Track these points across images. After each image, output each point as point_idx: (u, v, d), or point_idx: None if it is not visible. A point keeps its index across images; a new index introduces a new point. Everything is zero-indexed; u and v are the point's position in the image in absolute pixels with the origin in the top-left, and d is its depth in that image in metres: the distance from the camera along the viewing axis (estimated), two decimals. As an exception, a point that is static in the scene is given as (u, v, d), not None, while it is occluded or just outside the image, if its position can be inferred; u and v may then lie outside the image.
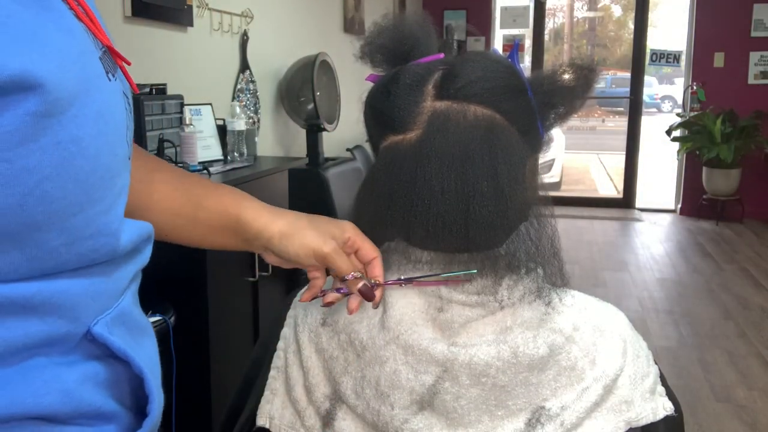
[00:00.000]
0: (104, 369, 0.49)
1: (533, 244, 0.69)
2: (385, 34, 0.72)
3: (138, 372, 0.50)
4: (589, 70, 0.70)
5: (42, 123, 0.39)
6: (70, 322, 0.45)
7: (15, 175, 0.38)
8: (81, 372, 0.47)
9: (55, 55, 0.41)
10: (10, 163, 0.38)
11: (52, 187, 0.40)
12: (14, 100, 0.38)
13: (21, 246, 0.40)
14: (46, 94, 0.39)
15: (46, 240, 0.41)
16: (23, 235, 0.40)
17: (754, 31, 5.35)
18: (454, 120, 0.64)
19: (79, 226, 0.43)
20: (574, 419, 0.64)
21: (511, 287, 0.67)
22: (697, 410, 2.41)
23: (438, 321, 0.66)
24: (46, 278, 0.43)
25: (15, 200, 0.39)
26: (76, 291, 0.45)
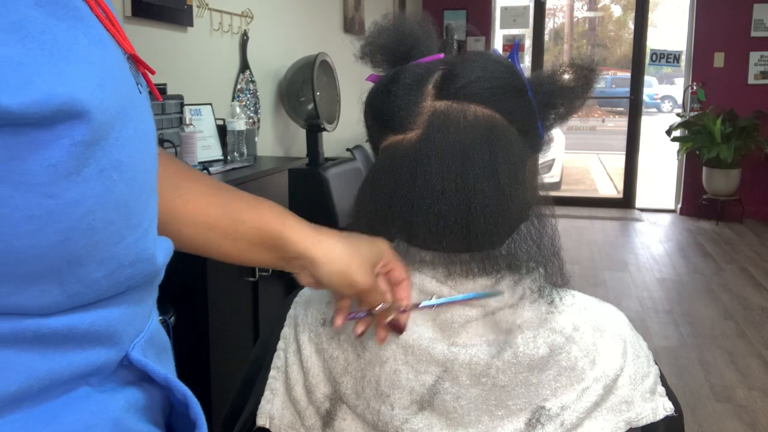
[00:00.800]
0: (142, 395, 0.47)
1: (534, 244, 0.69)
2: (386, 35, 0.72)
3: (181, 398, 0.48)
4: (589, 71, 0.70)
5: (87, 152, 0.37)
6: (110, 349, 0.44)
7: (60, 211, 0.36)
8: (124, 399, 0.45)
9: (94, 75, 0.38)
10: (54, 198, 0.35)
11: (94, 218, 0.38)
12: (61, 130, 0.35)
13: (61, 282, 0.38)
14: (92, 121, 0.37)
15: (87, 273, 0.39)
16: (64, 272, 0.38)
17: (754, 31, 5.35)
18: (454, 120, 0.64)
19: (120, 255, 0.41)
20: (574, 419, 0.64)
21: (512, 287, 0.67)
22: (697, 410, 2.41)
23: (438, 321, 0.66)
24: (86, 309, 0.41)
25: (59, 237, 0.36)
26: (115, 318, 0.44)
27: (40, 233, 0.35)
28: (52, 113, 0.34)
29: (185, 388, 0.48)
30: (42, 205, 0.35)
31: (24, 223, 0.35)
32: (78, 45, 0.37)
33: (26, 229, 0.35)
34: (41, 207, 0.35)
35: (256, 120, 2.89)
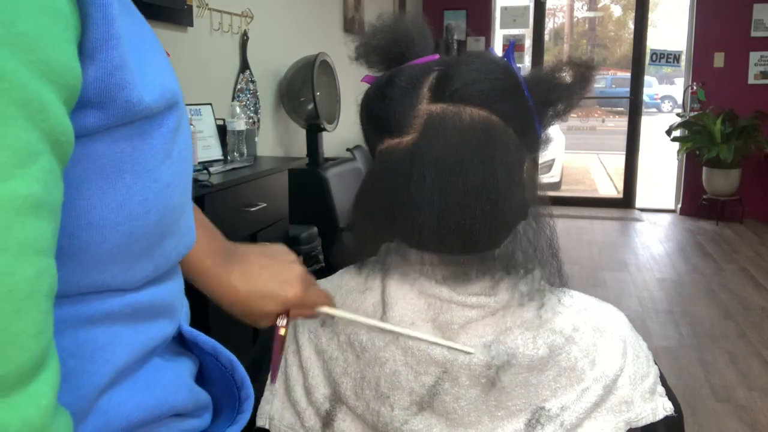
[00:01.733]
0: (192, 362, 0.51)
1: (532, 245, 0.69)
2: (380, 35, 0.72)
3: (227, 363, 0.52)
4: (586, 67, 0.70)
5: (175, 137, 0.41)
6: (172, 322, 0.47)
7: (160, 192, 0.40)
8: (186, 367, 0.49)
9: (170, 69, 0.42)
10: (157, 181, 0.40)
11: (176, 195, 0.42)
12: (162, 119, 0.39)
13: (152, 256, 0.42)
14: (180, 109, 0.41)
15: (166, 246, 0.43)
16: (155, 246, 0.42)
17: (754, 31, 5.34)
18: (450, 122, 0.64)
19: (182, 227, 0.45)
20: (574, 420, 0.64)
21: (511, 288, 0.67)
22: (697, 410, 2.41)
23: (438, 322, 0.66)
24: (158, 282, 0.45)
25: (158, 216, 0.40)
26: (174, 291, 0.48)
27: (148, 214, 0.39)
28: (165, 105, 0.39)
29: (231, 354, 0.52)
30: (150, 189, 0.39)
31: (139, 206, 0.39)
32: (149, 43, 0.41)
33: (139, 211, 0.39)
34: (150, 190, 0.39)
35: (256, 120, 2.89)
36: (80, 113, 0.35)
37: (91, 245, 0.37)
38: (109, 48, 0.35)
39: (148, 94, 0.37)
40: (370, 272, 0.71)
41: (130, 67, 0.36)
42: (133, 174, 0.38)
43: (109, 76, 0.35)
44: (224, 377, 0.52)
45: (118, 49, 0.35)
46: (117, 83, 0.35)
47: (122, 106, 0.36)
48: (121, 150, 0.37)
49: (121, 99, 0.36)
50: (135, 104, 0.36)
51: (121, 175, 0.37)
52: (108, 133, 0.36)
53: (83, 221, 0.36)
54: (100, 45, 0.34)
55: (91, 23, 0.34)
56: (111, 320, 0.41)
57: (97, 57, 0.34)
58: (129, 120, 0.37)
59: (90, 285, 0.39)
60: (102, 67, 0.34)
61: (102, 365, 0.40)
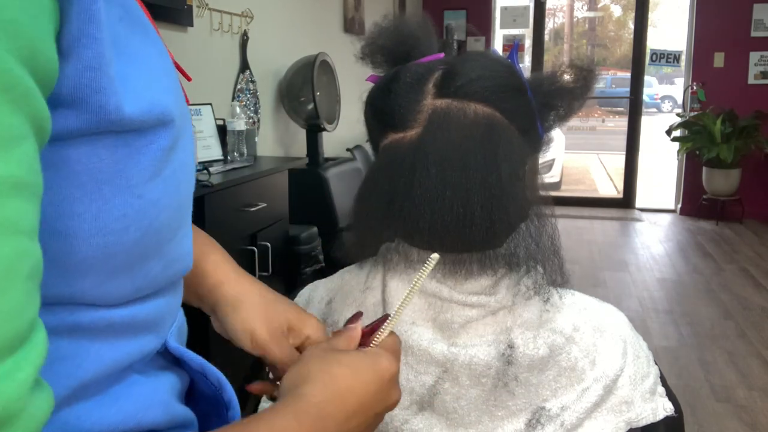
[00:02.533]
0: (176, 379, 0.50)
1: (533, 243, 0.69)
2: (386, 35, 0.72)
3: (215, 382, 0.50)
4: (588, 72, 0.70)
5: (167, 155, 0.40)
6: (155, 337, 0.46)
7: (143, 210, 0.39)
8: (168, 383, 0.48)
9: (170, 85, 0.41)
10: (141, 198, 0.38)
11: (163, 216, 0.41)
12: (153, 136, 0.39)
13: (132, 276, 0.41)
14: (174, 127, 0.40)
15: (150, 268, 0.42)
16: (135, 266, 0.41)
17: (754, 31, 5.34)
18: (454, 118, 0.64)
19: (172, 250, 0.44)
20: (574, 419, 0.64)
21: (511, 287, 0.67)
22: (697, 410, 2.41)
23: (438, 321, 0.66)
24: (143, 300, 0.43)
25: (138, 234, 0.39)
26: (161, 307, 0.46)
27: (127, 231, 0.38)
28: (154, 121, 0.38)
29: (219, 372, 0.50)
30: (132, 205, 0.38)
31: (116, 221, 0.37)
32: (152, 57, 0.40)
33: (117, 227, 0.38)
34: (131, 206, 0.38)
35: (256, 120, 2.89)
36: (54, 113, 0.34)
37: (58, 255, 0.36)
38: (81, 46, 0.34)
39: (129, 104, 0.36)
40: (370, 271, 0.71)
41: (108, 73, 0.35)
42: (113, 186, 0.37)
43: (79, 76, 0.34)
44: (213, 394, 0.51)
45: (92, 49, 0.34)
46: (88, 84, 0.34)
47: (95, 111, 0.35)
48: (101, 160, 0.36)
49: (94, 103, 0.35)
50: (111, 112, 0.35)
51: (98, 185, 0.36)
52: (86, 140, 0.36)
53: (49, 228, 0.35)
54: (74, 42, 0.34)
55: (67, 19, 0.33)
56: (79, 333, 0.40)
57: (72, 54, 0.34)
58: (107, 129, 0.36)
59: (56, 297, 0.38)
60: (73, 65, 0.34)
61: (63, 378, 0.39)
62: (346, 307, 0.70)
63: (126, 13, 0.39)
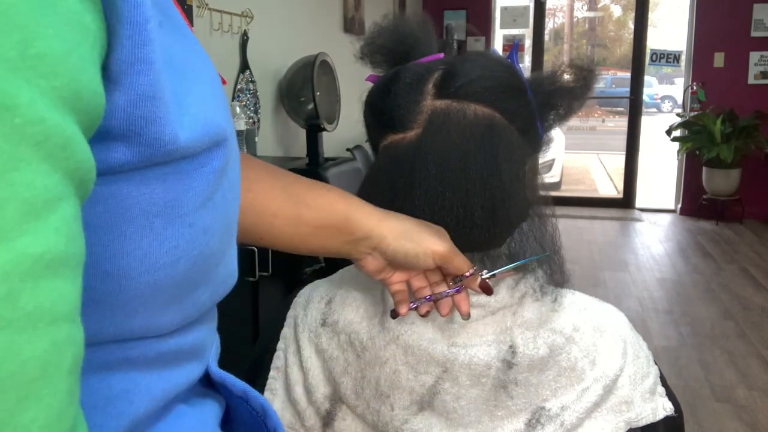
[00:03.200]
0: (218, 406, 0.47)
1: (534, 243, 0.69)
2: (385, 35, 0.72)
3: (258, 408, 0.47)
4: (588, 72, 0.70)
5: (219, 178, 0.36)
6: (200, 364, 0.43)
7: (194, 239, 0.35)
8: (213, 413, 0.45)
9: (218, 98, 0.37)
10: (192, 227, 0.35)
11: (214, 242, 0.37)
12: (204, 159, 0.34)
13: (181, 306, 0.37)
14: (228, 147, 0.36)
15: (198, 296, 0.39)
16: (184, 297, 0.37)
17: (754, 31, 5.34)
18: (454, 118, 0.64)
19: (220, 274, 0.40)
20: (574, 419, 0.64)
21: (511, 287, 0.67)
22: (697, 410, 2.41)
23: (438, 321, 0.66)
24: (189, 327, 0.40)
25: (188, 264, 0.35)
26: (204, 333, 0.43)
27: (177, 263, 0.34)
28: (208, 143, 0.34)
29: (263, 398, 0.47)
30: (183, 235, 0.34)
31: (167, 254, 0.34)
32: (195, 66, 0.36)
33: (167, 260, 0.34)
34: (182, 237, 0.34)
35: (256, 120, 2.89)
36: (103, 147, 0.30)
37: (106, 296, 0.33)
38: (134, 73, 0.30)
39: (186, 131, 0.32)
40: (370, 272, 0.71)
41: (163, 99, 0.31)
42: (164, 218, 0.33)
43: (133, 107, 0.30)
44: (255, 422, 0.47)
45: (148, 75, 0.30)
46: (142, 116, 0.30)
47: (151, 143, 0.31)
48: (152, 191, 0.32)
49: (149, 135, 0.31)
50: (167, 143, 0.31)
51: (149, 219, 0.33)
52: (137, 173, 0.32)
53: (99, 270, 0.32)
54: (126, 69, 0.29)
55: (117, 43, 0.29)
56: (129, 365, 0.36)
57: (123, 82, 0.29)
58: (161, 160, 0.32)
59: (103, 336, 0.34)
60: (125, 94, 0.30)
61: (116, 417, 0.35)
62: (346, 307, 0.70)
63: (166, 18, 0.34)
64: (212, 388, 0.47)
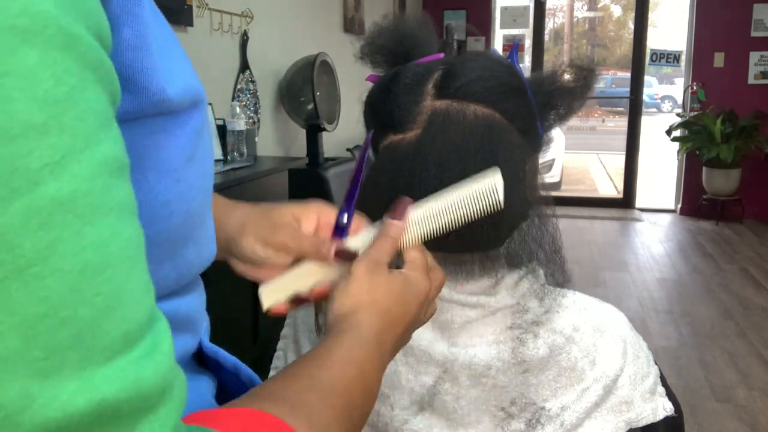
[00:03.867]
0: (211, 382, 0.48)
1: (534, 243, 0.69)
2: (385, 35, 0.72)
3: (247, 381, 0.48)
4: (588, 71, 0.70)
5: (198, 136, 0.39)
6: (193, 338, 0.44)
7: (183, 193, 0.37)
8: (208, 388, 0.46)
9: (191, 68, 0.40)
10: (181, 182, 0.37)
11: (198, 199, 0.40)
12: (186, 118, 0.37)
13: (174, 263, 0.40)
14: (204, 108, 0.39)
15: (188, 254, 0.41)
16: (177, 253, 0.39)
17: (754, 31, 5.34)
18: (454, 119, 0.64)
19: (203, 236, 0.43)
20: (574, 419, 0.64)
21: (511, 287, 0.67)
22: (697, 410, 2.41)
23: (438, 321, 0.66)
24: (179, 294, 0.42)
25: (180, 219, 0.38)
26: (195, 304, 0.45)
27: (171, 217, 0.37)
28: (189, 101, 0.37)
29: (252, 372, 0.48)
30: (173, 190, 0.36)
31: (161, 207, 0.36)
32: (174, 43, 0.39)
33: (161, 213, 0.36)
34: (173, 191, 0.36)
35: (256, 120, 2.89)
36: None
37: None
38: (122, 24, 0.32)
39: (170, 86, 0.35)
40: (370, 272, 0.71)
41: (150, 52, 0.34)
42: (156, 173, 0.35)
43: (121, 55, 0.32)
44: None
45: (134, 27, 0.33)
46: (130, 64, 0.33)
47: (139, 92, 0.33)
48: (144, 146, 0.35)
49: (137, 84, 0.33)
50: (155, 93, 0.34)
51: (144, 173, 0.35)
52: (129, 126, 0.34)
53: None
54: (115, 20, 0.32)
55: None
56: None
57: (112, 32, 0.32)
58: (151, 112, 0.34)
59: None
60: (114, 44, 0.32)
61: None
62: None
63: (153, 10, 0.37)
64: (204, 367, 0.48)
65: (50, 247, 0.24)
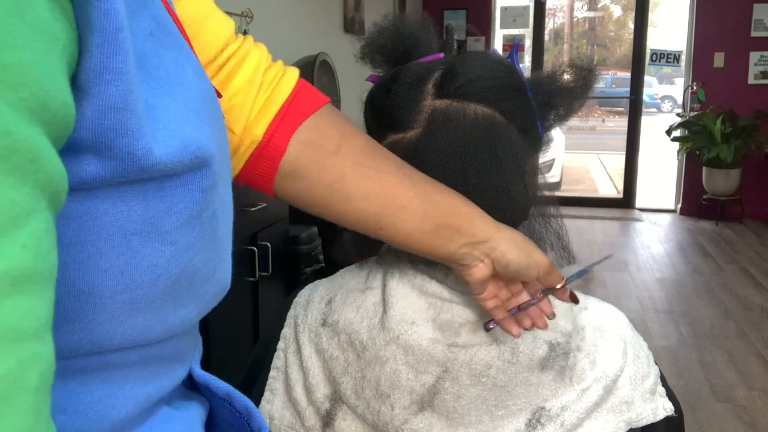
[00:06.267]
0: (202, 408, 0.46)
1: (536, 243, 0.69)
2: (386, 35, 0.72)
3: (242, 409, 0.46)
4: (588, 71, 0.70)
5: (208, 197, 0.35)
6: (181, 366, 0.42)
7: (176, 257, 0.34)
8: (198, 416, 0.44)
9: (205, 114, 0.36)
10: (174, 245, 0.34)
11: (199, 260, 0.36)
12: (189, 178, 0.33)
13: (165, 322, 0.36)
14: (214, 165, 0.35)
15: (185, 314, 0.37)
16: (169, 314, 0.36)
17: (754, 31, 5.34)
18: (454, 118, 0.64)
19: (210, 290, 0.39)
20: (575, 419, 0.64)
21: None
22: (697, 410, 2.41)
23: (438, 321, 0.66)
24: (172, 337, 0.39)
25: (168, 283, 0.34)
26: (189, 339, 0.42)
27: (157, 282, 0.33)
28: (188, 162, 0.33)
29: (246, 399, 0.46)
30: (164, 254, 0.33)
31: (145, 273, 0.33)
32: (187, 77, 0.35)
33: (145, 279, 0.33)
34: (162, 255, 0.33)
35: (256, 120, 2.89)
36: (75, 159, 0.29)
37: (81, 315, 0.31)
38: (104, 82, 0.29)
39: (161, 147, 0.31)
40: (370, 271, 0.71)
41: (135, 112, 0.30)
42: (142, 236, 0.32)
43: (103, 117, 0.29)
44: (239, 422, 0.47)
45: (117, 86, 0.29)
46: (112, 127, 0.29)
47: (123, 157, 0.30)
48: (130, 209, 0.31)
49: (120, 148, 0.30)
50: (140, 158, 0.30)
51: (127, 237, 0.32)
52: (115, 190, 0.31)
53: (73, 288, 0.31)
54: (95, 78, 0.28)
55: (87, 51, 0.28)
56: (110, 370, 0.35)
57: (92, 92, 0.28)
58: (138, 177, 0.31)
59: (80, 351, 0.33)
60: (94, 104, 0.29)
61: (98, 421, 0.35)
62: (346, 307, 0.70)
63: (158, 27, 0.33)
64: (195, 389, 0.46)
65: None
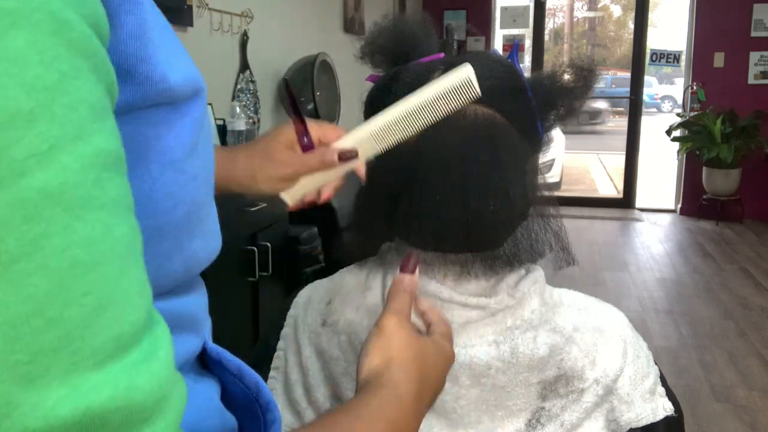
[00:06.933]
0: (216, 385, 0.47)
1: (536, 243, 0.69)
2: (386, 35, 0.72)
3: (252, 385, 0.47)
4: (588, 71, 0.70)
5: (200, 127, 0.38)
6: (196, 337, 0.43)
7: (186, 185, 0.36)
8: (215, 390, 0.45)
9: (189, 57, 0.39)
10: (184, 173, 0.36)
11: (202, 190, 0.39)
12: (187, 108, 0.36)
13: (181, 255, 0.38)
14: (204, 98, 0.38)
15: (194, 246, 0.40)
16: (184, 245, 0.38)
17: (754, 31, 5.34)
18: (454, 118, 0.64)
19: (209, 227, 0.42)
20: (575, 419, 0.64)
21: (511, 288, 0.67)
22: (697, 410, 2.41)
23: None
24: (184, 292, 0.41)
25: (183, 210, 0.37)
26: (198, 303, 0.44)
27: (175, 209, 0.36)
28: (191, 90, 0.36)
29: (257, 375, 0.47)
30: (177, 181, 0.36)
31: (164, 199, 0.35)
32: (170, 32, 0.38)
33: (166, 206, 0.35)
34: (177, 183, 0.36)
35: (256, 120, 2.89)
36: None
37: None
38: (123, 12, 0.31)
39: (172, 74, 0.34)
40: (370, 271, 0.71)
41: (151, 39, 0.33)
42: (159, 164, 0.35)
43: (124, 45, 0.31)
44: (247, 400, 0.48)
45: (136, 15, 0.32)
46: (133, 53, 0.32)
47: (142, 81, 0.32)
48: (146, 137, 0.34)
49: (141, 73, 0.32)
50: (158, 82, 0.33)
51: (147, 165, 0.34)
52: (130, 118, 0.33)
53: None
54: (117, 8, 0.31)
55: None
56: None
57: (113, 22, 0.31)
58: (154, 101, 0.33)
59: None
60: (115, 33, 0.31)
61: None
62: (346, 307, 0.70)
63: None
64: (207, 370, 0.48)
65: (36, 243, 0.23)
